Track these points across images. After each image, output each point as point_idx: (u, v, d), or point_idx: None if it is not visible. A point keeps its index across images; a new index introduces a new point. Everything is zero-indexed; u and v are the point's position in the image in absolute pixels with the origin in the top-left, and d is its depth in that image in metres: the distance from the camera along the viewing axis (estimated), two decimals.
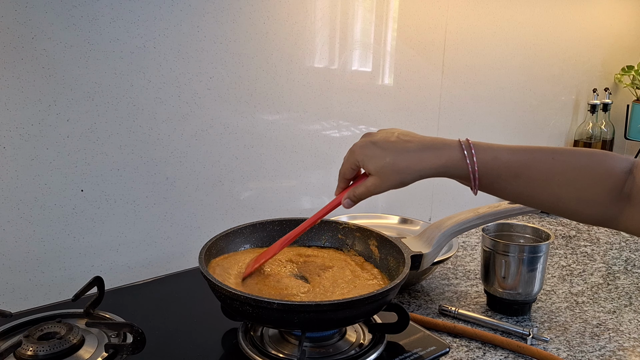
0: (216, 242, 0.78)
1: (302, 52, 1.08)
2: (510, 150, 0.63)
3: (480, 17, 1.37)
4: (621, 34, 1.82)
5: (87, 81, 0.85)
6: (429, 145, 0.64)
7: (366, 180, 0.66)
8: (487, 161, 0.62)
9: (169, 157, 0.96)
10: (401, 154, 0.63)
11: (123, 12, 0.86)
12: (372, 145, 0.65)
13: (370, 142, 0.65)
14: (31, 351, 0.64)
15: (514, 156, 0.62)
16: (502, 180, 0.62)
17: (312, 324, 0.66)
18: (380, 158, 0.64)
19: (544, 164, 0.61)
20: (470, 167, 0.62)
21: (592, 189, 0.60)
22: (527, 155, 0.62)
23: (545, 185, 0.61)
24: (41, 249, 0.87)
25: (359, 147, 0.66)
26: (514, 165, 0.61)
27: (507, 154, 0.62)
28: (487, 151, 0.62)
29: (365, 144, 0.65)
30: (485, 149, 0.62)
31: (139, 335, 0.66)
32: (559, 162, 0.61)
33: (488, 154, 0.62)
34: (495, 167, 0.62)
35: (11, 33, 0.77)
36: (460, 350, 0.86)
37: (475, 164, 0.62)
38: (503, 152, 0.62)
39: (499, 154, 0.62)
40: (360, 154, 0.65)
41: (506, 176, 0.62)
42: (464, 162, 0.62)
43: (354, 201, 0.69)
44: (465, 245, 1.29)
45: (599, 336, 0.91)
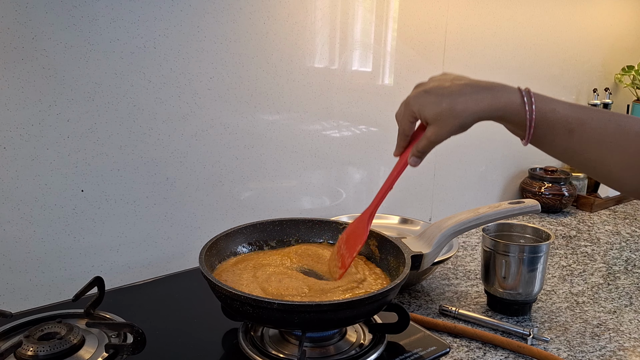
0: (216, 242, 0.78)
1: (302, 52, 1.08)
2: (569, 105, 0.62)
3: (480, 17, 1.37)
4: (621, 34, 1.82)
5: (88, 81, 0.85)
6: (487, 87, 0.63)
7: (425, 132, 0.65)
8: (545, 112, 0.61)
9: (169, 157, 0.96)
10: (458, 97, 0.62)
11: (123, 13, 0.86)
12: (426, 94, 0.63)
13: (423, 92, 0.64)
14: (31, 351, 0.64)
15: (571, 111, 0.61)
16: (555, 134, 0.62)
17: (312, 324, 0.66)
18: (437, 104, 0.62)
19: (599, 123, 0.60)
20: (528, 114, 0.61)
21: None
22: (584, 112, 0.61)
23: (596, 146, 0.60)
24: (41, 249, 0.87)
25: (413, 97, 0.64)
26: (570, 120, 0.61)
27: (565, 108, 0.61)
28: (546, 102, 0.61)
29: (418, 94, 0.64)
30: (544, 99, 0.62)
31: (139, 335, 0.66)
32: (614, 124, 0.60)
33: (547, 105, 0.61)
34: (551, 119, 0.61)
35: (11, 33, 0.77)
36: (461, 351, 0.86)
37: (534, 111, 0.61)
38: (561, 105, 0.61)
39: (557, 107, 0.61)
40: (415, 104, 0.64)
41: (560, 130, 0.61)
42: (522, 108, 0.61)
43: (419, 157, 0.67)
44: (466, 245, 1.29)
45: (600, 336, 0.91)
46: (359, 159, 1.24)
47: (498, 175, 1.59)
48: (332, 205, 1.22)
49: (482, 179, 1.54)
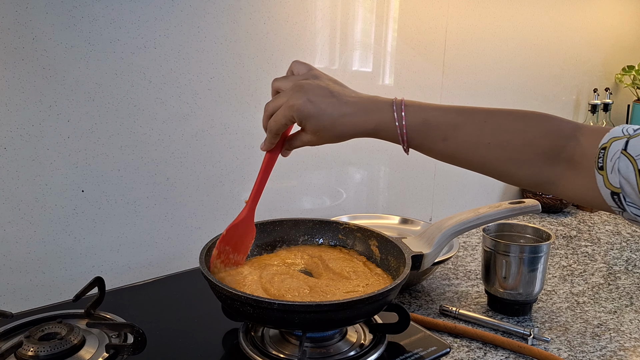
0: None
1: (303, 53, 1.08)
2: (445, 111, 0.63)
3: (480, 17, 1.37)
4: (622, 34, 1.82)
5: (88, 82, 0.85)
6: (364, 107, 0.64)
7: (302, 135, 0.68)
8: (416, 124, 0.62)
9: (169, 157, 0.96)
10: (338, 119, 0.63)
11: (123, 13, 0.86)
12: (310, 104, 0.64)
13: (307, 100, 0.64)
14: (32, 351, 0.65)
15: (445, 118, 0.62)
16: (430, 142, 0.63)
17: (312, 324, 0.66)
18: (319, 119, 0.64)
19: (474, 126, 0.62)
20: (399, 129, 0.62)
21: (523, 151, 0.60)
22: (458, 117, 0.62)
23: (473, 148, 0.61)
24: (42, 250, 0.87)
25: (296, 104, 0.64)
26: (443, 128, 0.62)
27: (438, 116, 0.62)
28: (418, 112, 0.62)
29: (303, 102, 0.64)
30: (416, 110, 0.62)
31: (139, 335, 0.66)
32: (490, 125, 0.61)
33: (418, 116, 0.62)
34: (424, 130, 0.62)
35: (12, 34, 0.77)
36: (461, 351, 0.86)
37: (405, 127, 0.62)
38: (434, 114, 0.62)
39: (429, 116, 0.62)
40: (297, 112, 0.64)
41: (434, 138, 0.62)
42: (393, 125, 0.62)
43: (289, 150, 0.73)
44: (466, 245, 1.29)
45: (600, 336, 0.91)
46: (359, 159, 1.24)
47: None
48: (333, 206, 1.22)
49: (482, 179, 1.53)
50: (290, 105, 0.65)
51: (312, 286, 0.74)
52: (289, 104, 0.65)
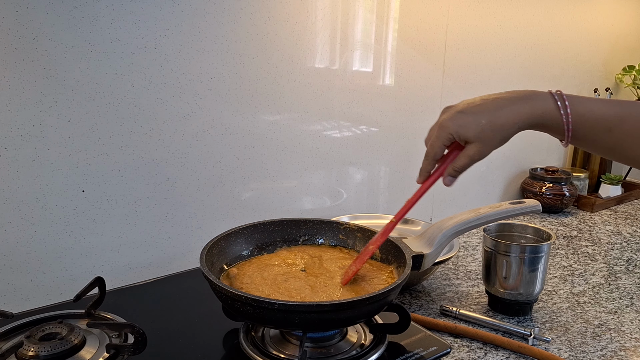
0: (217, 243, 0.78)
1: (303, 53, 1.08)
2: (606, 102, 0.61)
3: (481, 18, 1.37)
4: (622, 34, 1.82)
5: (88, 82, 0.85)
6: (521, 97, 0.63)
7: (465, 150, 0.65)
8: (582, 113, 0.61)
9: (170, 157, 0.96)
10: (496, 112, 0.62)
11: (124, 13, 0.86)
12: (461, 114, 0.63)
13: (457, 112, 0.63)
14: (32, 352, 0.65)
15: (608, 109, 0.61)
16: (594, 133, 0.61)
17: (313, 324, 0.66)
18: (476, 123, 0.62)
19: (638, 118, 0.59)
20: (564, 118, 0.61)
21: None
22: (622, 109, 0.61)
23: (638, 141, 0.60)
24: (42, 250, 0.87)
25: (447, 120, 0.63)
26: (607, 119, 0.60)
27: (602, 107, 0.61)
28: (582, 103, 0.61)
29: (453, 116, 0.63)
30: (579, 100, 0.61)
31: (140, 335, 0.66)
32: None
33: (583, 106, 0.61)
34: (589, 120, 0.61)
35: (12, 34, 0.77)
36: (462, 351, 0.86)
37: (570, 115, 0.61)
38: (598, 105, 0.61)
39: (594, 106, 0.61)
40: (452, 125, 0.63)
41: (599, 129, 0.61)
42: (558, 113, 0.61)
43: (455, 176, 0.68)
44: (467, 245, 1.29)
45: (601, 336, 0.91)
46: (359, 159, 1.25)
47: (499, 175, 1.59)
48: (333, 206, 1.22)
49: (483, 179, 1.54)
50: (440, 124, 0.64)
51: (313, 286, 0.74)
52: (440, 125, 0.64)
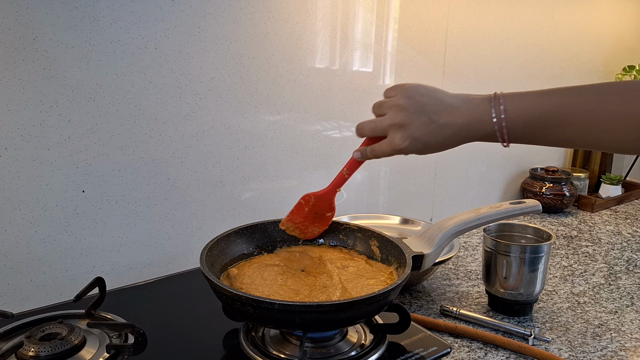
0: (217, 243, 0.78)
1: (303, 53, 1.08)
2: (544, 101, 0.59)
3: (481, 17, 1.37)
4: (622, 34, 1.82)
5: (89, 82, 0.85)
6: (465, 124, 0.63)
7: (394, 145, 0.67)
8: (518, 126, 0.60)
9: (170, 157, 0.96)
10: (443, 142, 0.65)
11: (124, 13, 0.86)
12: (414, 141, 0.65)
13: (412, 140, 0.65)
14: (33, 352, 0.65)
15: (548, 108, 0.58)
16: (533, 140, 0.61)
17: (313, 324, 0.66)
18: (426, 150, 0.66)
19: (580, 115, 0.57)
20: (499, 137, 0.61)
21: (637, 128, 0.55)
22: (563, 106, 0.58)
23: (582, 138, 0.58)
24: (42, 250, 0.87)
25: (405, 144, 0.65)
26: (546, 125, 0.59)
27: (540, 108, 0.59)
28: (518, 112, 0.60)
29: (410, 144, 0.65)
30: (516, 109, 0.60)
31: (140, 336, 0.66)
32: (597, 114, 0.56)
33: (519, 118, 0.60)
34: (526, 131, 0.60)
35: (12, 34, 0.77)
36: (462, 351, 0.86)
37: (505, 134, 0.61)
38: (536, 107, 0.59)
39: (528, 115, 0.59)
40: (406, 151, 0.66)
41: (538, 136, 0.60)
42: (494, 135, 0.62)
43: (368, 159, 0.73)
44: (467, 245, 1.29)
45: (601, 336, 0.91)
46: None
47: (499, 175, 1.59)
48: None
49: (483, 179, 1.54)
50: (397, 148, 0.66)
51: (313, 286, 0.74)
52: (394, 146, 0.66)
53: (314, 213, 0.83)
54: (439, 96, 0.65)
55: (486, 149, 1.51)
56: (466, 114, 0.63)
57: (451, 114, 0.64)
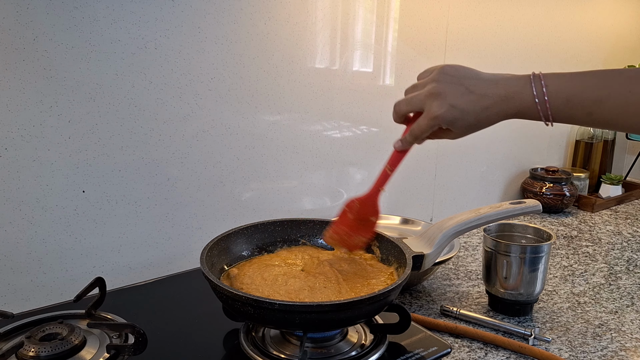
0: (217, 243, 0.78)
1: (303, 53, 1.08)
2: (585, 83, 0.60)
3: (481, 18, 1.37)
4: (623, 34, 1.82)
5: (89, 82, 0.85)
6: (503, 97, 0.63)
7: (446, 133, 0.68)
8: (558, 104, 0.61)
9: (170, 157, 0.96)
10: (481, 113, 0.64)
11: (124, 14, 0.86)
12: (452, 109, 0.64)
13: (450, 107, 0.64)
14: (33, 352, 0.65)
15: (588, 92, 0.59)
16: (574, 119, 0.61)
17: (313, 324, 0.66)
18: (464, 120, 0.65)
19: (618, 99, 0.58)
20: (541, 113, 0.61)
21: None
22: (602, 89, 0.59)
23: (622, 118, 0.59)
24: (43, 250, 0.87)
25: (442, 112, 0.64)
26: (586, 104, 0.59)
27: (581, 91, 0.60)
28: (559, 90, 0.61)
29: (447, 111, 0.64)
30: (557, 87, 0.61)
31: (140, 336, 0.66)
32: (636, 95, 0.57)
33: (560, 95, 0.61)
34: (566, 109, 0.60)
35: (12, 34, 0.77)
36: (462, 351, 0.86)
37: (548, 109, 0.61)
38: (576, 89, 0.60)
39: (570, 93, 0.60)
40: (444, 120, 0.65)
41: (578, 115, 0.60)
42: (535, 110, 0.62)
43: (409, 143, 0.71)
44: (467, 245, 1.29)
45: (601, 336, 0.91)
46: (360, 159, 1.24)
47: (499, 175, 1.59)
48: (333, 206, 1.22)
49: (483, 179, 1.54)
50: (434, 116, 0.65)
51: (313, 286, 0.74)
52: (431, 115, 0.65)
53: (359, 220, 0.78)
54: (475, 72, 0.66)
55: (486, 149, 1.51)
56: (505, 87, 0.63)
57: (489, 86, 0.64)
